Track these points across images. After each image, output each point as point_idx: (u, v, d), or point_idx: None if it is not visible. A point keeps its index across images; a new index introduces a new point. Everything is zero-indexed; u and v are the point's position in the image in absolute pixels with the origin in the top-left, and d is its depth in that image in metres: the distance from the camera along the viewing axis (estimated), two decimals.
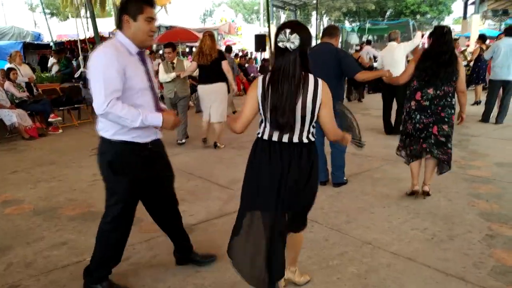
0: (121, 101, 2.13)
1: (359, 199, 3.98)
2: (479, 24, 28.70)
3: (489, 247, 2.95)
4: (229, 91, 6.34)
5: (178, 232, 2.82)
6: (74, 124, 8.52)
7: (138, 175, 2.35)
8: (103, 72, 2.08)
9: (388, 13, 49.25)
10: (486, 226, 3.30)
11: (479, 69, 9.93)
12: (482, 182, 4.34)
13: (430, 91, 3.68)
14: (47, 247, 3.17)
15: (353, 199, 3.97)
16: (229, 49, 10.21)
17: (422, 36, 5.03)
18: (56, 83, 10.18)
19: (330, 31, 4.13)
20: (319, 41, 4.39)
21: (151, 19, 2.21)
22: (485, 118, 7.52)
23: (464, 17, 36.43)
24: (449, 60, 3.62)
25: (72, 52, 14.30)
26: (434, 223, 3.39)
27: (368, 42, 12.95)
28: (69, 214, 3.81)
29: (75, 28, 12.74)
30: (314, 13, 48.46)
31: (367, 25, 23.42)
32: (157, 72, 6.20)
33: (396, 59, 6.40)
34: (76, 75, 10.79)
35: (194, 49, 22.75)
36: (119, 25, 2.25)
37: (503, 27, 33.30)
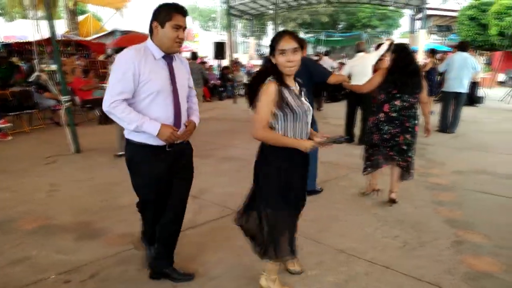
0: (136, 101, 2.30)
1: (331, 208, 4.01)
2: (425, 39, 30.30)
3: (458, 254, 3.05)
4: None
5: (171, 241, 2.73)
6: (25, 130, 8.03)
7: (151, 175, 2.44)
8: (117, 73, 2.23)
9: (340, 25, 50.94)
10: (452, 232, 3.42)
11: (431, 82, 10.43)
12: (442, 189, 4.52)
13: (398, 102, 3.82)
14: (6, 264, 2.92)
15: (325, 208, 3.99)
16: (194, 55, 10.03)
17: (391, 44, 5.18)
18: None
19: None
20: None
21: (179, 26, 2.26)
22: (442, 127, 7.87)
23: (412, 31, 38.34)
24: (414, 70, 3.80)
25: (20, 54, 13.52)
26: (404, 231, 3.47)
27: (327, 53, 13.28)
28: (28, 228, 3.56)
29: (23, 30, 12.07)
30: (269, 23, 49.44)
31: (322, 37, 24.00)
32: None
33: (366, 68, 6.56)
34: (30, 79, 10.13)
35: None
36: (150, 32, 2.33)
37: (446, 41, 35.42)
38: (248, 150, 6.33)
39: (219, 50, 15.85)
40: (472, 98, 11.48)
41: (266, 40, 55.32)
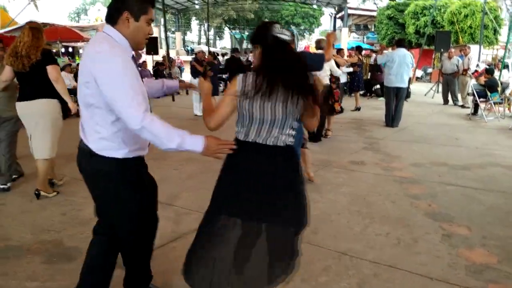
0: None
1: (312, 207, 3.92)
2: (347, 36, 31.83)
3: (453, 247, 3.12)
4: (65, 113, 4.32)
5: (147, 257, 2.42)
6: None
7: (143, 194, 2.13)
8: (128, 77, 1.76)
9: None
10: (438, 226, 3.51)
11: (358, 78, 10.90)
12: (410, 182, 4.66)
13: None
14: None
15: None
16: None
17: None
18: None
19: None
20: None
21: (151, 21, 1.94)
22: (387, 122, 8.21)
23: (334, 29, 39.99)
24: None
25: None
26: (392, 227, 3.49)
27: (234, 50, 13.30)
28: None
29: None
30: (194, 18, 48.71)
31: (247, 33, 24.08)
32: None
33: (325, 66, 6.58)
34: None
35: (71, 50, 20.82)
36: (113, 20, 1.87)
37: (365, 39, 37.46)
38: None
39: (152, 45, 15.16)
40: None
41: (191, 36, 54.52)
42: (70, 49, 20.71)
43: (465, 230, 3.41)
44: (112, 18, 1.87)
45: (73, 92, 9.61)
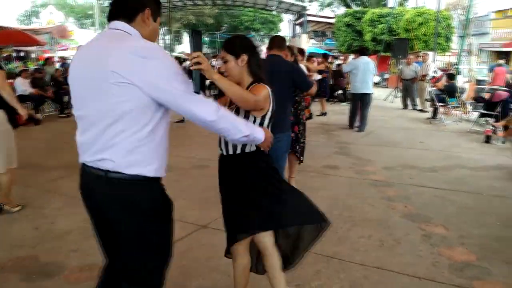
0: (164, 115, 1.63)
1: None
2: (306, 42, 32.41)
3: (433, 247, 3.24)
4: (13, 123, 3.97)
5: None
6: None
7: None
8: (180, 71, 1.56)
9: (224, 28, 51.78)
10: (416, 227, 3.64)
11: (325, 84, 11.17)
12: (384, 185, 4.80)
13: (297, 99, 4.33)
14: None
15: None
16: None
17: None
18: None
19: (280, 43, 3.99)
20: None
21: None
22: (350, 124, 8.51)
23: (293, 35, 40.62)
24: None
25: None
26: (374, 229, 3.57)
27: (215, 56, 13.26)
28: None
29: None
30: None
31: (218, 39, 24.08)
32: None
33: None
34: None
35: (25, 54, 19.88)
36: (129, 16, 1.60)
37: (323, 46, 38.31)
38: (178, 158, 5.99)
39: None
40: None
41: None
42: (22, 54, 19.79)
43: (442, 230, 3.55)
44: (128, 14, 1.60)
45: (30, 98, 9.25)
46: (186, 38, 50.02)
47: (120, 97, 1.48)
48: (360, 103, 8.38)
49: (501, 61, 17.45)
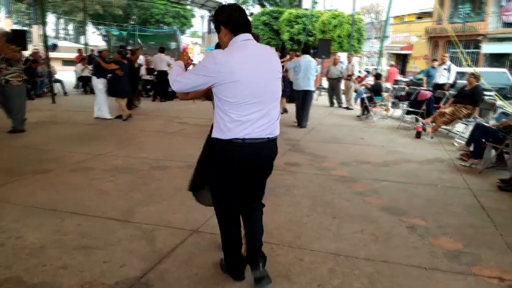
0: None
1: (279, 211, 3.93)
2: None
3: (422, 238, 3.44)
4: None
5: None
6: None
7: None
8: None
9: (133, 20, 49.59)
10: (397, 219, 3.83)
11: (285, 83, 11.31)
12: (350, 181, 4.98)
13: None
14: None
15: (275, 212, 3.87)
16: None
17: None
18: None
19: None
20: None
21: None
22: (299, 123, 8.67)
23: (208, 32, 40.27)
24: None
25: None
26: (362, 224, 3.69)
27: (162, 50, 12.76)
28: None
29: None
30: (51, 11, 44.05)
31: (137, 32, 22.92)
32: None
33: None
34: None
35: None
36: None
37: None
38: (130, 159, 5.64)
39: (20, 40, 13.26)
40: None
41: (49, 30, 49.05)
42: None
43: (421, 221, 3.80)
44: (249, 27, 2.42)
45: None
46: (91, 29, 46.87)
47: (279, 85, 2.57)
48: (301, 100, 8.61)
49: (392, 62, 19.29)
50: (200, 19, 49.20)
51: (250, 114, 2.30)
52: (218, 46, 2.82)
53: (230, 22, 2.36)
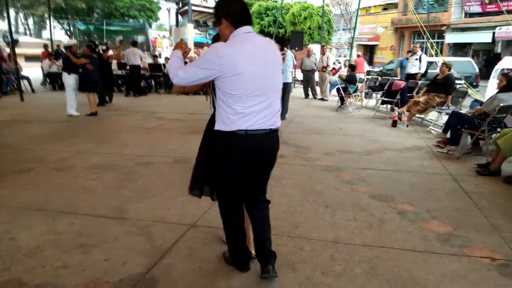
0: None
1: (272, 203, 3.92)
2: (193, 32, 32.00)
3: (412, 223, 3.56)
4: None
5: None
6: None
7: None
8: None
9: (97, 13, 48.29)
10: (387, 206, 3.95)
11: None
12: (336, 170, 5.08)
13: None
14: None
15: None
16: None
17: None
18: None
19: None
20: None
21: None
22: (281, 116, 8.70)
23: (177, 25, 39.72)
24: None
25: None
26: (354, 212, 3.78)
27: (134, 44, 12.49)
28: None
29: None
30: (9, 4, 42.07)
31: (104, 26, 22.29)
32: None
33: None
34: None
35: None
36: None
37: (208, 36, 38.33)
38: (112, 155, 5.54)
39: None
40: None
41: (3, 24, 46.81)
42: None
43: (410, 207, 3.93)
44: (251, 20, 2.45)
45: None
46: (53, 23, 45.23)
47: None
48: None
49: (359, 53, 19.75)
50: (167, 12, 48.51)
51: (253, 106, 2.31)
52: (216, 38, 2.80)
53: (231, 14, 2.33)
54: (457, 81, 9.47)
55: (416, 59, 10.35)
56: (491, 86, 10.85)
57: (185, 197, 4.06)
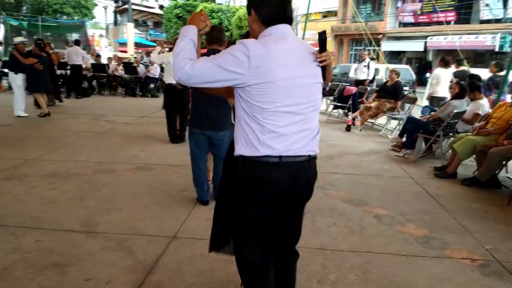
0: None
1: None
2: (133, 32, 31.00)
3: (390, 226, 3.66)
4: None
5: None
6: None
7: None
8: None
9: (25, 9, 45.21)
10: (362, 210, 4.02)
11: None
12: None
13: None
14: None
15: None
16: None
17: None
18: None
19: (219, 37, 3.74)
20: None
21: None
22: None
23: (115, 23, 38.29)
24: None
25: None
26: (332, 217, 3.81)
27: (77, 42, 11.77)
28: None
29: None
30: None
31: (40, 23, 20.78)
32: None
33: None
34: None
35: None
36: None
37: (149, 37, 37.33)
38: (65, 162, 5.21)
39: None
40: None
41: None
42: None
43: (383, 211, 4.03)
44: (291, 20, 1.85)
45: None
46: None
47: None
48: None
49: None
50: (104, 10, 46.60)
51: (289, 126, 1.74)
52: (246, 35, 2.51)
53: (264, 6, 1.79)
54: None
55: (365, 66, 10.77)
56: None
57: (157, 206, 3.91)
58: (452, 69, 8.77)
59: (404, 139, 6.49)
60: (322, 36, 1.77)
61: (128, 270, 2.74)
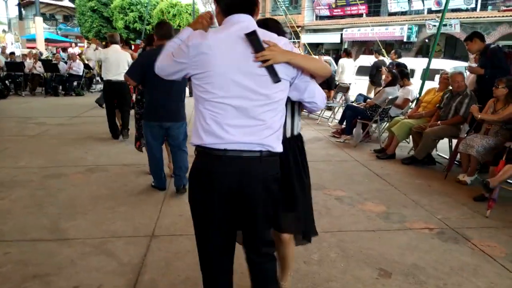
0: None
1: None
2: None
3: (352, 206, 3.95)
4: None
5: None
6: None
7: None
8: None
9: None
10: (323, 193, 4.27)
11: None
12: None
13: None
14: None
15: None
16: None
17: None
18: None
19: (169, 32, 3.71)
20: None
21: None
22: None
23: (20, 18, 35.24)
24: None
25: None
26: None
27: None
28: None
29: None
30: None
31: None
32: None
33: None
34: None
35: None
36: (250, 9, 1.75)
37: (59, 31, 34.94)
38: (5, 170, 4.95)
39: None
40: None
41: None
42: None
43: (342, 193, 4.32)
44: (250, 8, 1.74)
45: None
46: None
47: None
48: None
49: None
50: (4, 3, 42.58)
51: (231, 119, 1.65)
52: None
53: None
54: None
55: None
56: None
57: (124, 207, 3.83)
58: (373, 58, 9.46)
59: (343, 125, 6.91)
60: (250, 37, 1.61)
61: (115, 273, 2.68)
